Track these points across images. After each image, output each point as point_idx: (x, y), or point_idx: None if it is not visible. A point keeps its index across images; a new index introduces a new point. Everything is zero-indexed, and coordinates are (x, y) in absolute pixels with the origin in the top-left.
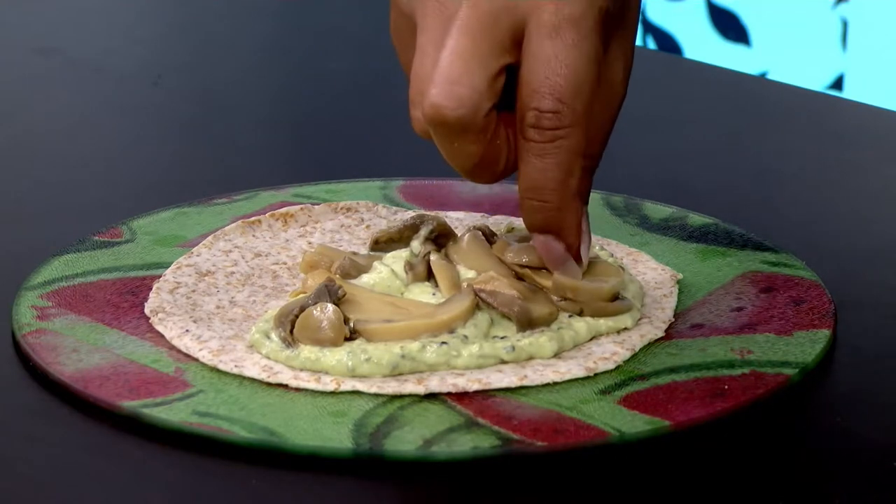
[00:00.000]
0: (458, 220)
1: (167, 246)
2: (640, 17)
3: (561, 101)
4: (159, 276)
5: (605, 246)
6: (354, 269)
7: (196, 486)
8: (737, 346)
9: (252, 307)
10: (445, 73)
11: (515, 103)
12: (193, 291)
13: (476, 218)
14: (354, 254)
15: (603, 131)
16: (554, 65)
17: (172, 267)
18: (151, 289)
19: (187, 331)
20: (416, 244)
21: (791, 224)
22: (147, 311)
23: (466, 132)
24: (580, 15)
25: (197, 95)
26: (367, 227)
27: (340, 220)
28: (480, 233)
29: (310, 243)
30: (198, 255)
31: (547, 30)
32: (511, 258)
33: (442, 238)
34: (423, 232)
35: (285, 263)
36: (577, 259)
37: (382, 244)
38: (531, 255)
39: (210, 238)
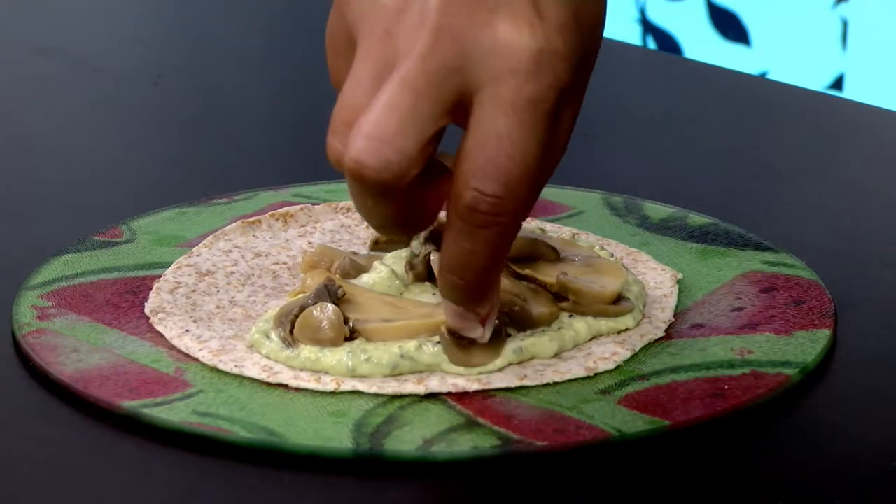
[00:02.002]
0: None
1: (167, 246)
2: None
3: (506, 186)
4: (159, 276)
5: (606, 246)
6: (354, 269)
7: (196, 486)
8: (737, 346)
9: (252, 307)
10: (376, 128)
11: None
12: (193, 291)
13: None
14: (354, 254)
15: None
16: (505, 144)
17: (172, 267)
18: (151, 289)
19: (187, 331)
20: (417, 244)
21: (791, 224)
22: (147, 311)
23: (385, 196)
24: (540, 97)
25: (197, 95)
26: (367, 227)
27: (340, 220)
28: None
29: (310, 243)
30: (198, 255)
31: (503, 106)
32: None
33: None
34: (424, 232)
35: (285, 263)
36: (484, 324)
37: (382, 244)
38: (517, 246)
39: (210, 238)
